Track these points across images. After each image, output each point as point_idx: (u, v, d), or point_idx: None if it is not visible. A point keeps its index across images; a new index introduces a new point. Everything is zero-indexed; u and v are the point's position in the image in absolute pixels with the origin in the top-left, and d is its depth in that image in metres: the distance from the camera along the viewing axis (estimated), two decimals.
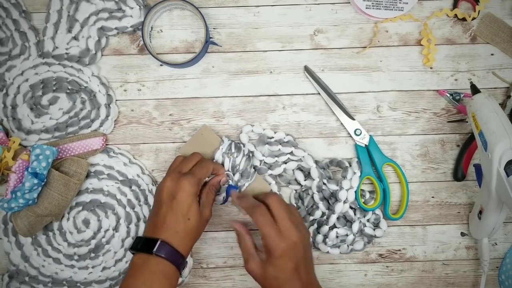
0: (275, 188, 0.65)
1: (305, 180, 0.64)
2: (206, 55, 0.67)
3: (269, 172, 0.64)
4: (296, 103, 0.66)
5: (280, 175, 0.65)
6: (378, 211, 0.65)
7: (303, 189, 0.65)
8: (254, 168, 0.64)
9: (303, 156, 0.63)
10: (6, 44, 0.65)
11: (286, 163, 0.64)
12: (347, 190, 0.62)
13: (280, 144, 0.64)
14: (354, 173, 0.63)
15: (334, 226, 0.64)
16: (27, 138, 0.64)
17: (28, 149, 0.61)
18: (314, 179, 0.63)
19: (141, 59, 0.66)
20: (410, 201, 0.66)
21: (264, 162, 0.64)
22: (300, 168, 0.65)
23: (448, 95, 0.65)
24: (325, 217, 0.64)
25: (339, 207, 0.62)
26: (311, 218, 0.65)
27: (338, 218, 0.64)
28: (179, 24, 0.67)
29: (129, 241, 0.64)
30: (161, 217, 0.55)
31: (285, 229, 0.55)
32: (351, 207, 0.64)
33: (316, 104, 0.66)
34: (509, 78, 0.66)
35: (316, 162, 0.64)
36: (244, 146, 0.64)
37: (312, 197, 0.64)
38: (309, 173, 0.63)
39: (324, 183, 0.63)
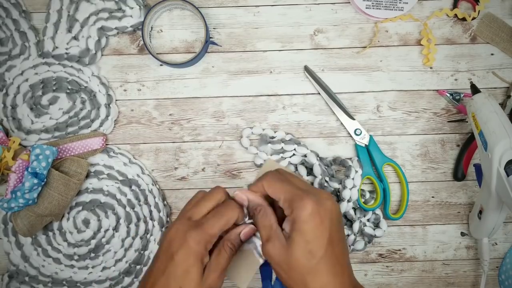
0: None
1: (307, 175, 0.64)
2: (206, 55, 0.66)
3: None
4: (296, 103, 0.66)
5: None
6: (378, 211, 0.65)
7: None
8: None
9: (306, 154, 0.63)
10: (6, 44, 0.65)
11: (290, 157, 0.64)
12: (350, 189, 0.62)
13: (282, 142, 0.64)
14: (356, 171, 0.63)
15: None
16: (27, 138, 0.64)
17: (28, 149, 0.61)
18: (316, 177, 0.63)
19: (141, 59, 0.66)
20: (410, 201, 0.66)
21: None
22: (303, 163, 0.65)
23: (448, 95, 0.65)
24: None
25: (343, 207, 0.62)
26: None
27: None
28: (179, 24, 0.67)
29: (129, 241, 0.64)
30: (151, 278, 0.43)
31: (311, 189, 0.43)
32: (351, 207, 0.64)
33: (316, 104, 0.66)
34: (509, 78, 0.66)
35: (321, 159, 0.64)
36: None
37: None
38: (311, 169, 0.63)
39: (326, 181, 0.63)
